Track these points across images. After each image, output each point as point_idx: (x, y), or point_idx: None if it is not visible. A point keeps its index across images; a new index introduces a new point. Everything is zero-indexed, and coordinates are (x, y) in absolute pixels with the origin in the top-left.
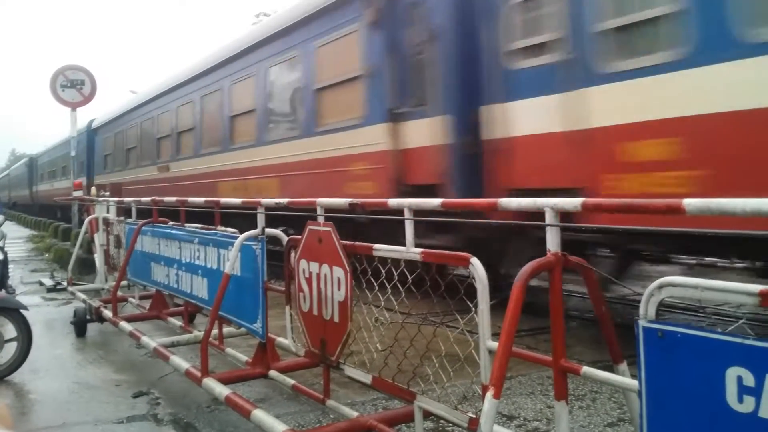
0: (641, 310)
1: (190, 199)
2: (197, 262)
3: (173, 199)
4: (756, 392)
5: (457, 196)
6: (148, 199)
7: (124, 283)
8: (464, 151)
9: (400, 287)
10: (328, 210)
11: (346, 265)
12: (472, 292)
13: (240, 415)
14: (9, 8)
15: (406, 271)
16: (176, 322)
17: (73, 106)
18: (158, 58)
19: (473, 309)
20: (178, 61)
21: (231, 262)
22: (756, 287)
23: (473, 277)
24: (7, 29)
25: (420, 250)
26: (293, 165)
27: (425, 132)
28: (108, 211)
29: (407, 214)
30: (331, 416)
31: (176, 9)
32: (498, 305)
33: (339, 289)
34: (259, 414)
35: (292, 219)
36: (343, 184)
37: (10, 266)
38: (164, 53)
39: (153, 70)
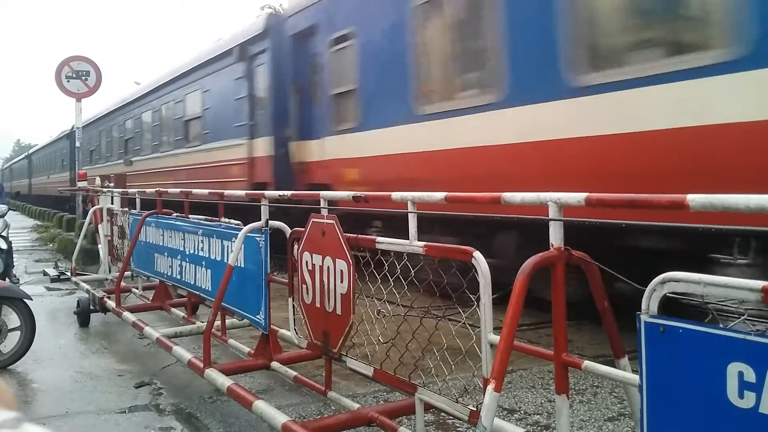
0: (643, 305)
1: (195, 191)
2: (201, 254)
3: (177, 191)
4: (757, 388)
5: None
6: (153, 190)
7: (127, 273)
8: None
9: (403, 280)
10: (329, 203)
11: (349, 257)
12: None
13: (242, 406)
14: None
15: (408, 264)
16: (179, 313)
17: (78, 96)
18: (162, 46)
19: (475, 302)
20: (181, 47)
21: (234, 254)
22: (759, 283)
23: (476, 271)
24: (12, 20)
25: (423, 243)
26: (174, 169)
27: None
28: (112, 202)
29: (411, 208)
30: (333, 408)
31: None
32: (500, 299)
33: (342, 281)
34: (260, 405)
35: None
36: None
37: (15, 256)
38: (168, 41)
39: (158, 59)
